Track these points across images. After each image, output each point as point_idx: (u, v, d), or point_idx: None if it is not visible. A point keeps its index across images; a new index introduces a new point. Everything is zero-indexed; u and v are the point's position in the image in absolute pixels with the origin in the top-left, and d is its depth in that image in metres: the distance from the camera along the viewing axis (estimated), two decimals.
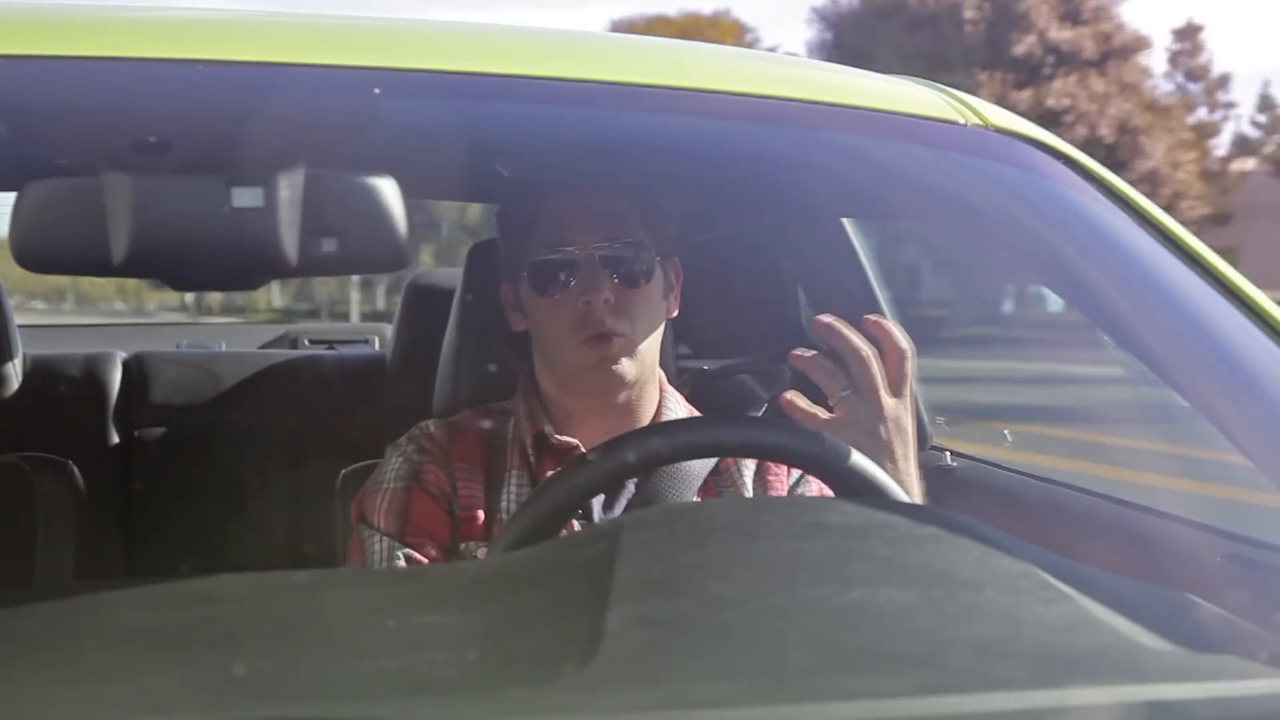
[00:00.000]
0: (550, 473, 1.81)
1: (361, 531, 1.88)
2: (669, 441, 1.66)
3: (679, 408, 2.00)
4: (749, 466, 1.96)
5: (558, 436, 1.92)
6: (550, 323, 1.90)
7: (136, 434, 3.16)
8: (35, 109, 1.49)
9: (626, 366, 1.88)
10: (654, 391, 1.98)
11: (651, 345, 1.92)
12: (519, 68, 1.57)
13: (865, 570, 1.23)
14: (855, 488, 1.60)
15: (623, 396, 1.93)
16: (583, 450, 1.88)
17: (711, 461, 1.92)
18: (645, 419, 1.96)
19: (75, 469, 2.43)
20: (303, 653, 1.11)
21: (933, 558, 1.26)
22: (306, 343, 4.48)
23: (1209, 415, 1.66)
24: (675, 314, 2.00)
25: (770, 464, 1.96)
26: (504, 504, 1.89)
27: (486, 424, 1.97)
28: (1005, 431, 2.88)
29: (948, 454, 2.71)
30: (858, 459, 1.60)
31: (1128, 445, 8.69)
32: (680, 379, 2.36)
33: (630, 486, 1.91)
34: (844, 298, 2.87)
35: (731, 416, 2.36)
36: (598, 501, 1.88)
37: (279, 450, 3.12)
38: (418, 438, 1.95)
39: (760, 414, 2.42)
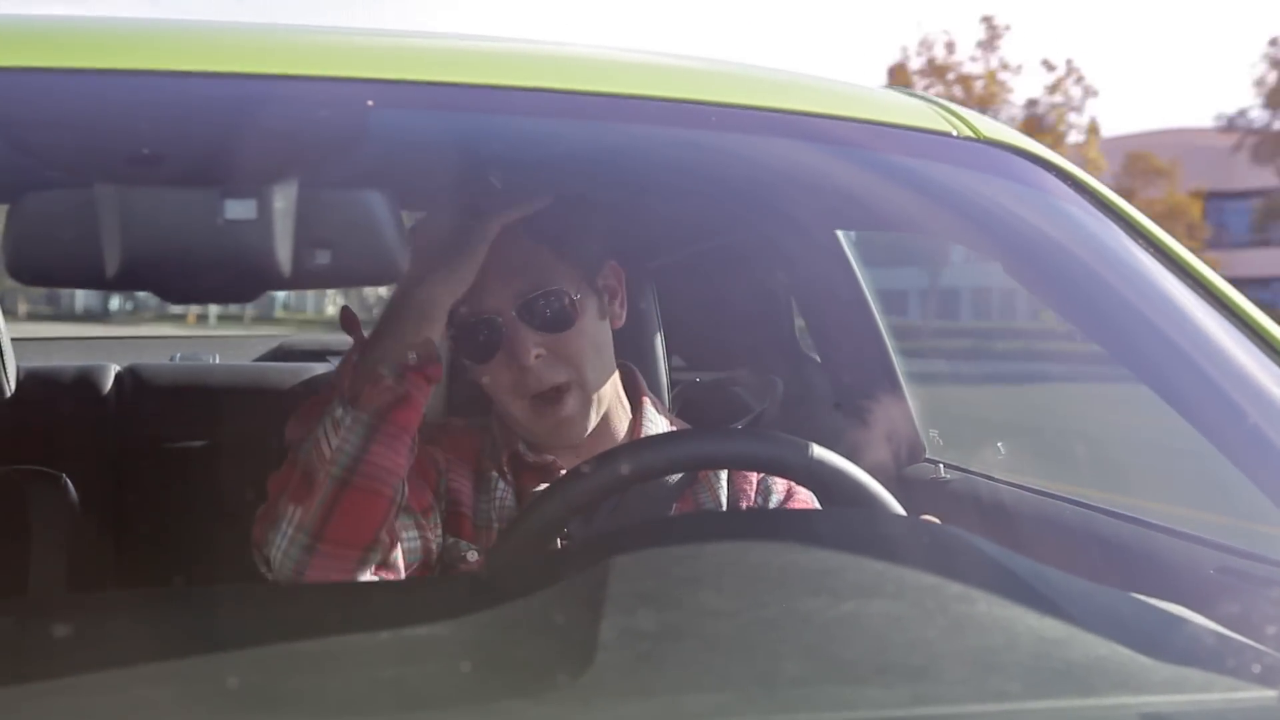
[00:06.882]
0: (531, 488, 1.81)
1: None
2: (662, 455, 1.66)
3: (658, 421, 1.98)
4: (724, 473, 1.94)
5: (534, 456, 1.90)
6: (495, 388, 1.87)
7: (130, 446, 3.15)
8: (29, 121, 1.49)
9: (585, 415, 1.86)
10: (622, 409, 1.95)
11: (603, 375, 1.89)
12: (511, 79, 1.57)
13: (858, 582, 1.23)
14: (848, 497, 1.61)
15: (590, 430, 1.89)
16: (559, 467, 1.87)
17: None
18: (618, 437, 1.93)
19: (68, 481, 2.42)
20: (297, 664, 1.11)
21: (926, 570, 1.27)
22: (300, 355, 4.48)
23: (1202, 428, 1.66)
24: (621, 322, 1.94)
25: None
26: (490, 510, 1.87)
27: (472, 437, 1.96)
28: (999, 445, 2.86)
29: (940, 466, 2.71)
30: (850, 469, 1.61)
31: None
32: (672, 391, 2.36)
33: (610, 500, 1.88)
34: (838, 310, 2.87)
35: (727, 429, 2.36)
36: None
37: (272, 463, 3.10)
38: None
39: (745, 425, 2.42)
